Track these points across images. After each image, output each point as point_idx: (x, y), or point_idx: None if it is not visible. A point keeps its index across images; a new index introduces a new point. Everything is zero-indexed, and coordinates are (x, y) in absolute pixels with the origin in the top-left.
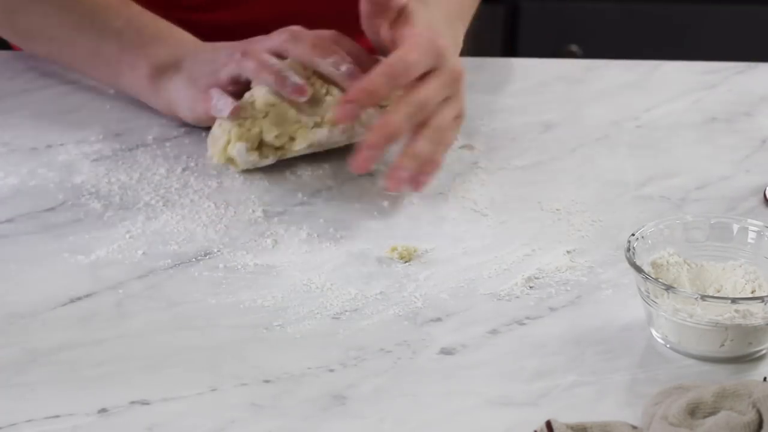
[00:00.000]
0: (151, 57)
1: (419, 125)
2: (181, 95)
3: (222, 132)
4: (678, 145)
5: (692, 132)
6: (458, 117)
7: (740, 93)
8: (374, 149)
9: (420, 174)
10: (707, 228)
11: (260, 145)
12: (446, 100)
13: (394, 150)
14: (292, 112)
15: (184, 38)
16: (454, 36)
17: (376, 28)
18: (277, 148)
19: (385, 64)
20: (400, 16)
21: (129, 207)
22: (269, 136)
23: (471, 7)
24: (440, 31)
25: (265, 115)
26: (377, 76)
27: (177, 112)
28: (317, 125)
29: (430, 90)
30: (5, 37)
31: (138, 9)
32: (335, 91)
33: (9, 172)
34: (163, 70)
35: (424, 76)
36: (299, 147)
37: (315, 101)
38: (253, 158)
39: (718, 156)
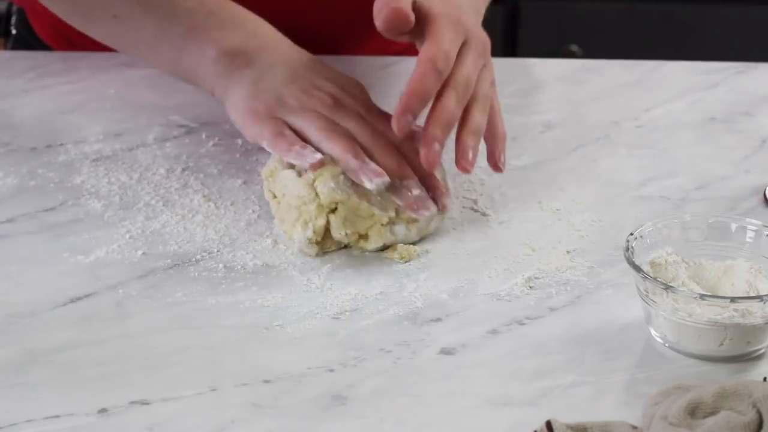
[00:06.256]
0: (222, 41)
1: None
2: (237, 98)
3: (287, 212)
4: (678, 145)
5: (692, 132)
6: (492, 82)
7: (740, 93)
8: (438, 141)
9: (499, 152)
10: (705, 227)
11: (325, 237)
12: (481, 69)
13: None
14: (364, 206)
15: (262, 28)
16: (475, 5)
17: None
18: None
19: (426, 59)
20: None
21: (129, 207)
22: (338, 234)
23: None
24: (458, 2)
25: (333, 210)
26: (423, 75)
27: (227, 108)
28: (392, 222)
29: (469, 66)
30: (64, 16)
31: None
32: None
33: (9, 172)
34: (231, 56)
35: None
36: (374, 246)
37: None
38: (313, 250)
39: (718, 156)
